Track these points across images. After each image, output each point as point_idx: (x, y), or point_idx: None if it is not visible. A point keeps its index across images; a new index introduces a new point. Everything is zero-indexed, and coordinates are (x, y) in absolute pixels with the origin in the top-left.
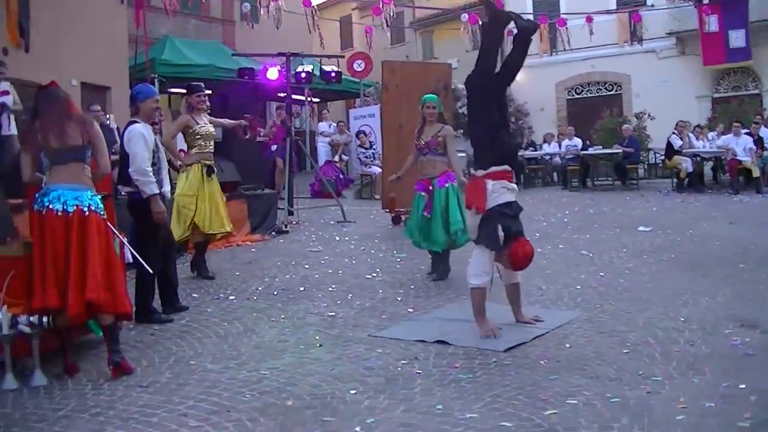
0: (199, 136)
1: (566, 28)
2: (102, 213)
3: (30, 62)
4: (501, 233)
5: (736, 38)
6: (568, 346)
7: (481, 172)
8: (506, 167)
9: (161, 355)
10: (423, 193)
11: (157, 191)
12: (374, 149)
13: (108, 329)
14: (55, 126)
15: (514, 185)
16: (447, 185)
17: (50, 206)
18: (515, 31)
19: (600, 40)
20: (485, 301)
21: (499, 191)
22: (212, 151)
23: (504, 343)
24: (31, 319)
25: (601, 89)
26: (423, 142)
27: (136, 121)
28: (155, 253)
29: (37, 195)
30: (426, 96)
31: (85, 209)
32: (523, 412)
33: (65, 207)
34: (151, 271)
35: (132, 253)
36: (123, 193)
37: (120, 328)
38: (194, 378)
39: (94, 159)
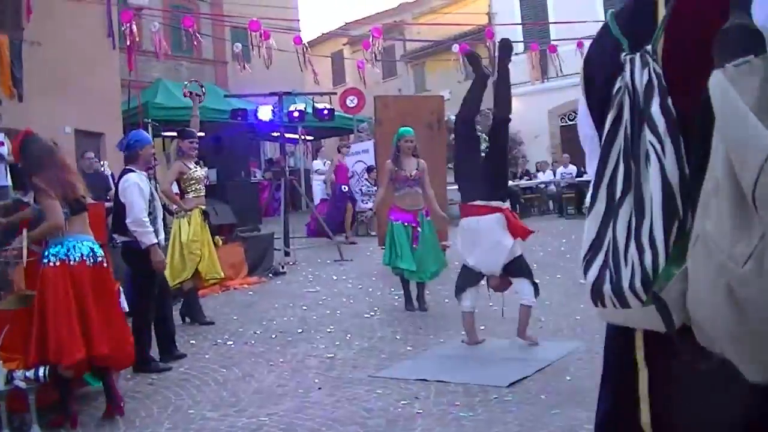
0: (193, 181)
1: (557, 54)
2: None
3: (23, 111)
4: None
5: None
6: (568, 378)
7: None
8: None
9: (160, 405)
10: (408, 224)
11: (156, 241)
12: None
13: (108, 379)
14: (67, 176)
15: None
16: (428, 218)
17: (75, 256)
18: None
19: None
20: None
21: None
22: (204, 194)
23: (506, 378)
24: (27, 374)
25: None
26: (409, 174)
27: (131, 170)
28: (152, 302)
29: (54, 246)
30: (403, 129)
31: (102, 259)
32: None
33: (91, 256)
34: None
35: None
36: (118, 242)
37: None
38: (193, 427)
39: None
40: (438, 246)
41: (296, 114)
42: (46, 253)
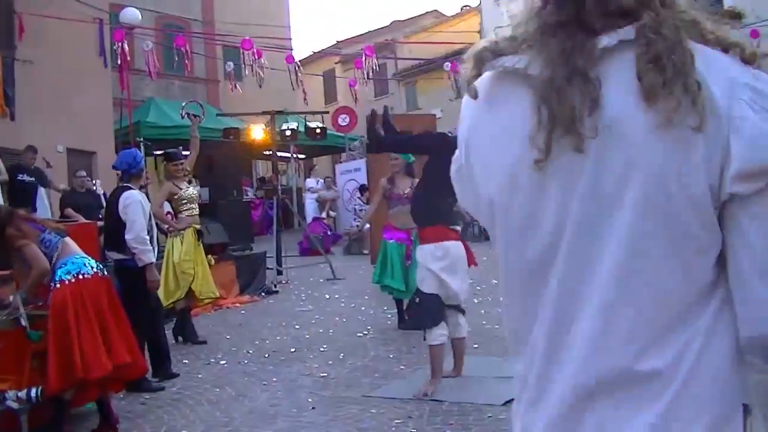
0: (185, 200)
1: None
2: None
3: (16, 130)
4: None
5: None
6: None
7: None
8: None
9: (153, 425)
10: (401, 243)
11: (154, 260)
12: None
13: (104, 398)
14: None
15: None
16: None
17: (87, 271)
18: None
19: None
20: None
21: None
22: (197, 214)
23: (500, 396)
24: (20, 394)
25: None
26: (402, 192)
27: (131, 188)
28: (145, 321)
29: (63, 266)
30: None
31: (105, 273)
32: None
33: (100, 270)
34: None
35: None
36: (110, 261)
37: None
38: None
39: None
40: None
41: (289, 133)
42: (57, 276)
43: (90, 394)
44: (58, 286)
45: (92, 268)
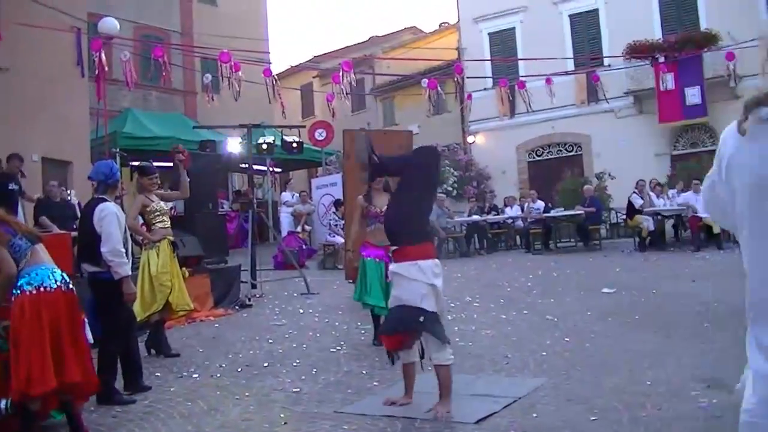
0: (157, 212)
1: (526, 90)
2: None
3: None
4: None
5: (692, 95)
6: (535, 415)
7: None
8: None
9: None
10: (380, 260)
11: (130, 273)
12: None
13: (73, 410)
14: (5, 218)
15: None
16: None
17: (50, 284)
18: None
19: (559, 101)
20: None
21: None
22: (169, 226)
23: (473, 414)
24: None
25: (561, 150)
26: (380, 210)
27: (106, 200)
28: (119, 333)
29: (26, 276)
30: None
31: (72, 287)
32: None
33: (63, 283)
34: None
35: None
36: (85, 273)
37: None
38: None
39: None
40: None
41: (265, 146)
42: (19, 284)
43: (50, 404)
44: (18, 293)
45: (56, 281)
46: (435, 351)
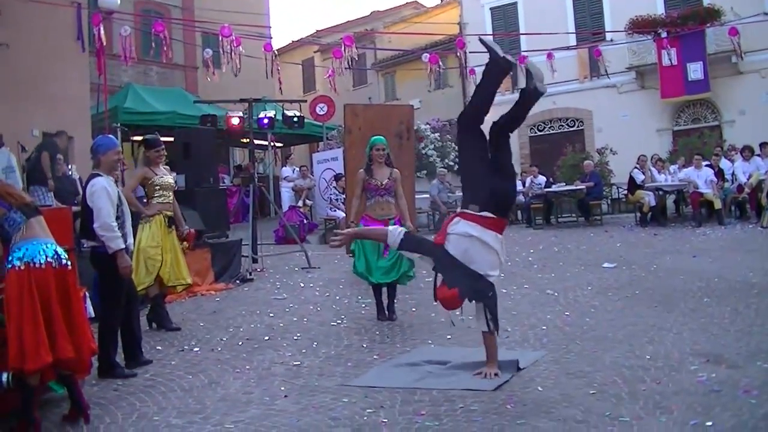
0: (158, 187)
1: None
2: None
3: None
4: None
5: (695, 71)
6: (534, 388)
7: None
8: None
9: (124, 412)
10: None
11: (123, 246)
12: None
13: (74, 385)
14: (5, 188)
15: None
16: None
17: (41, 260)
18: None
19: (561, 76)
20: None
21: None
22: (171, 201)
23: (490, 383)
24: None
25: (563, 125)
26: (380, 183)
27: (99, 174)
28: (119, 307)
29: (18, 251)
30: (375, 138)
31: (67, 262)
32: None
33: (55, 259)
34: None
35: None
36: (86, 247)
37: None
38: None
39: None
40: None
41: (266, 120)
42: (11, 258)
43: (46, 375)
44: (9, 267)
45: (47, 257)
46: (477, 320)
